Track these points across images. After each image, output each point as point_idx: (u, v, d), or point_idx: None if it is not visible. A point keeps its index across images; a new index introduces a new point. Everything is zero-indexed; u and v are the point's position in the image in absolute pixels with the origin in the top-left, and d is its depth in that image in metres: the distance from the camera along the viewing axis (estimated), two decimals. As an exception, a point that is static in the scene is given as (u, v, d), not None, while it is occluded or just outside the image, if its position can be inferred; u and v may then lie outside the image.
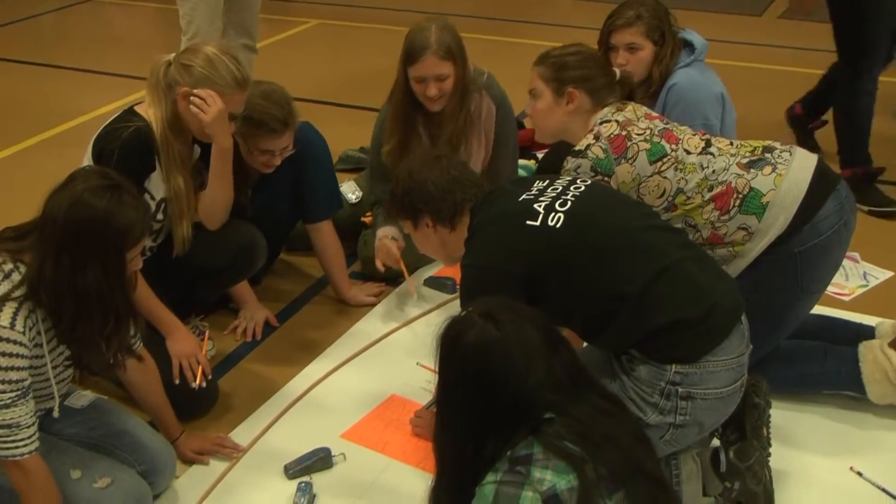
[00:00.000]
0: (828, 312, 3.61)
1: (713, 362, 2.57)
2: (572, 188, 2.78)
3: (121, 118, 3.27)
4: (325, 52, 7.95)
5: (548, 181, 2.85)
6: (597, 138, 3.12)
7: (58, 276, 2.44)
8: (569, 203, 2.71)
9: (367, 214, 4.24)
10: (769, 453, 2.82)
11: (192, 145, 3.39)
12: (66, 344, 2.61)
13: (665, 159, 3.07)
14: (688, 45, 3.83)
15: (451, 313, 2.21)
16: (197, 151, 3.43)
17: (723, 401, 2.63)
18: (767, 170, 3.06)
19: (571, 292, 2.66)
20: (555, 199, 2.73)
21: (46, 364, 2.58)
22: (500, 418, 2.03)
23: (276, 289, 4.12)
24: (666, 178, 3.07)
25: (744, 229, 3.04)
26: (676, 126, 3.21)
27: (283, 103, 3.54)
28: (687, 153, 3.09)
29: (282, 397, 3.41)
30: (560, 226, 2.66)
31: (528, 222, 2.69)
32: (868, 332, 3.39)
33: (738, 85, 3.97)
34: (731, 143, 3.18)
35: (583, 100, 3.25)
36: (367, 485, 2.99)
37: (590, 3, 3.97)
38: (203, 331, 3.66)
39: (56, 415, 2.70)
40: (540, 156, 5.03)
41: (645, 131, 3.12)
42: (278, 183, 3.79)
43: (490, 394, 2.03)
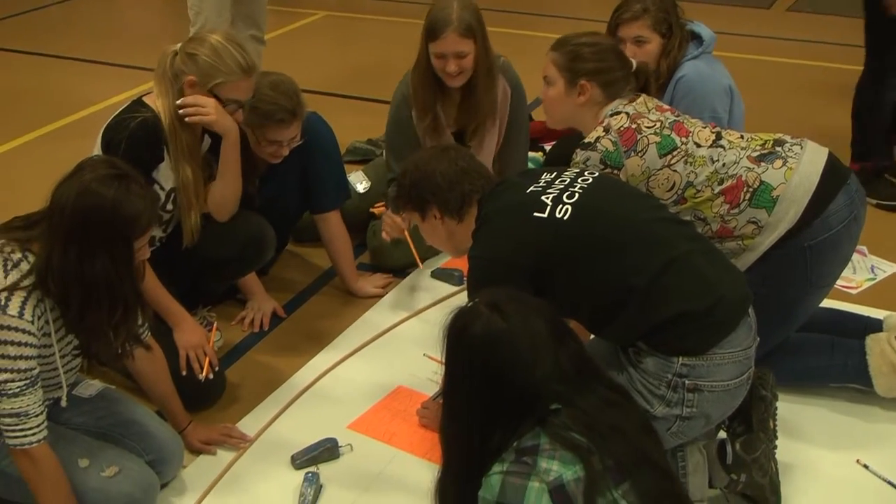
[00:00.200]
0: (835, 305, 3.60)
1: (720, 355, 2.57)
2: (580, 180, 2.78)
3: (129, 109, 3.28)
4: (332, 43, 7.95)
5: (556, 173, 2.85)
6: (607, 131, 3.11)
7: (66, 265, 2.45)
8: (577, 195, 2.71)
9: (375, 205, 4.24)
10: (775, 446, 2.82)
11: (203, 136, 3.40)
12: (74, 333, 2.61)
13: (675, 152, 3.06)
14: (696, 38, 3.82)
15: (458, 305, 2.21)
16: (207, 142, 3.44)
17: (729, 393, 2.63)
18: (778, 163, 3.05)
19: (579, 284, 2.66)
20: (563, 190, 2.73)
21: (55, 353, 2.59)
22: (507, 409, 2.03)
23: (284, 279, 4.13)
24: (676, 171, 3.06)
25: (754, 223, 3.04)
26: (687, 118, 3.19)
27: (291, 94, 3.54)
28: (697, 146, 3.08)
29: (289, 388, 3.42)
30: (568, 218, 2.66)
31: (535, 214, 2.69)
32: (875, 325, 3.38)
33: (747, 77, 3.96)
34: (742, 136, 3.17)
35: (595, 93, 3.23)
36: (373, 475, 3.00)
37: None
38: (211, 322, 3.67)
39: (64, 404, 2.70)
40: (548, 148, 5.03)
41: (655, 124, 3.11)
42: (286, 173, 3.79)
43: (496, 385, 2.03)
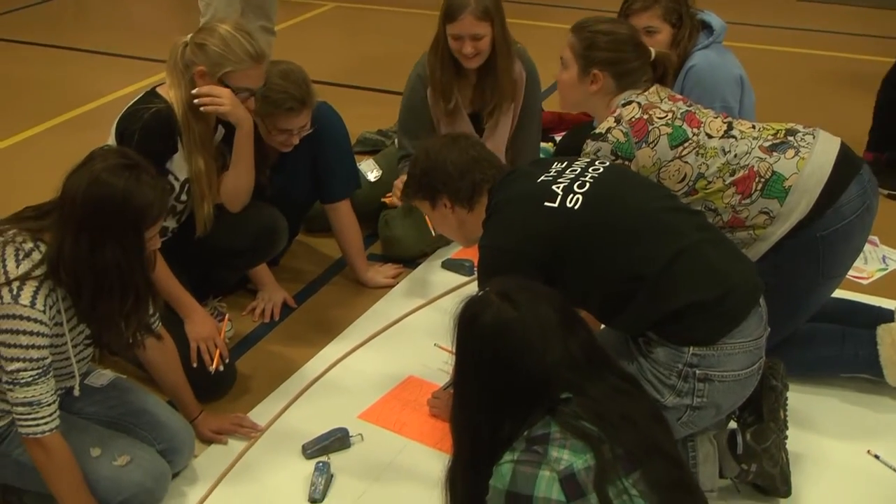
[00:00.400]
0: (846, 296, 3.60)
1: (731, 344, 2.57)
2: (591, 170, 2.78)
3: (143, 99, 3.28)
4: (342, 34, 7.95)
5: (566, 163, 2.85)
6: (618, 121, 3.10)
7: (77, 254, 2.46)
8: (587, 185, 2.71)
9: (387, 195, 4.24)
10: (786, 436, 2.81)
11: (216, 126, 3.40)
12: (85, 322, 2.62)
13: (686, 144, 3.05)
14: (706, 27, 3.80)
15: (468, 294, 2.20)
16: (220, 132, 3.44)
17: (740, 383, 2.63)
18: (790, 153, 3.04)
19: (589, 274, 2.66)
20: (573, 180, 2.73)
21: (67, 343, 2.60)
22: (517, 398, 2.03)
23: (294, 270, 4.14)
24: (687, 162, 3.05)
25: (765, 213, 3.03)
26: (699, 109, 3.18)
27: (301, 82, 3.54)
28: (709, 137, 3.07)
29: (300, 378, 3.43)
30: (578, 207, 2.66)
31: (546, 204, 2.69)
32: (886, 316, 3.37)
33: (758, 68, 3.95)
34: (753, 126, 3.16)
35: (607, 82, 3.21)
36: (384, 465, 3.00)
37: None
38: (221, 312, 3.68)
39: (76, 393, 2.71)
40: (558, 138, 5.03)
41: (667, 114, 3.09)
42: (296, 163, 3.79)
43: (507, 373, 2.03)
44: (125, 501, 2.70)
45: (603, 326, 2.89)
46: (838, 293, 3.36)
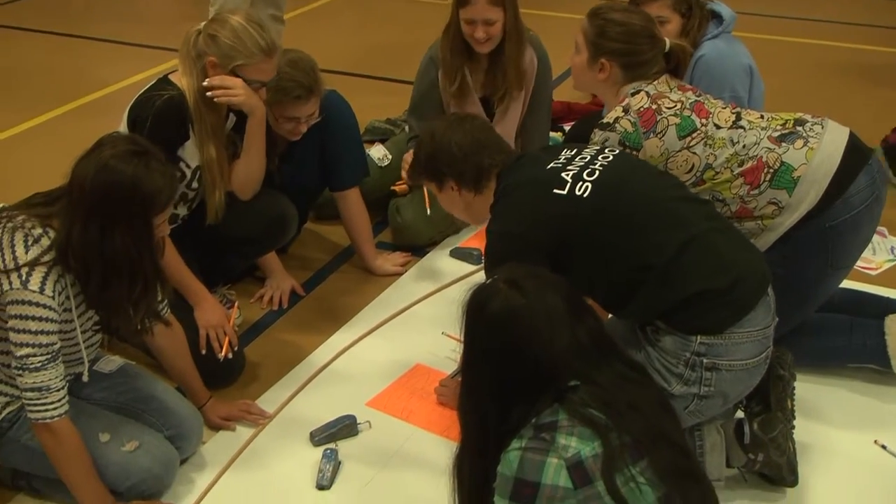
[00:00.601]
0: (855, 286, 3.59)
1: (738, 334, 2.57)
2: (601, 157, 2.78)
3: (155, 86, 3.28)
4: (352, 23, 7.94)
5: (576, 150, 2.84)
6: (626, 111, 3.08)
7: (86, 241, 2.46)
8: (597, 172, 2.70)
9: (397, 183, 4.25)
10: (793, 426, 2.81)
11: (227, 114, 3.40)
12: (94, 309, 2.63)
13: (695, 134, 3.04)
14: (716, 17, 3.79)
15: (476, 282, 2.21)
16: (232, 120, 3.44)
17: (748, 372, 2.63)
18: (799, 143, 3.03)
19: (597, 262, 2.66)
20: (583, 168, 2.73)
21: (75, 328, 2.61)
22: (525, 385, 2.03)
23: (303, 257, 4.14)
24: (695, 153, 3.04)
25: (774, 203, 3.02)
26: (709, 99, 3.16)
27: (309, 70, 3.55)
28: (717, 128, 3.05)
29: (308, 365, 3.44)
30: (587, 195, 2.66)
31: (555, 191, 2.69)
32: (894, 306, 3.37)
33: (766, 58, 3.94)
34: (762, 116, 3.15)
35: (615, 72, 3.18)
36: (391, 452, 3.01)
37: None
38: (230, 300, 3.69)
39: (85, 379, 2.73)
40: (567, 128, 5.03)
41: (676, 104, 3.08)
42: (305, 151, 3.79)
43: (515, 360, 2.03)
44: (133, 487, 2.71)
45: (611, 315, 2.89)
46: (846, 283, 3.35)
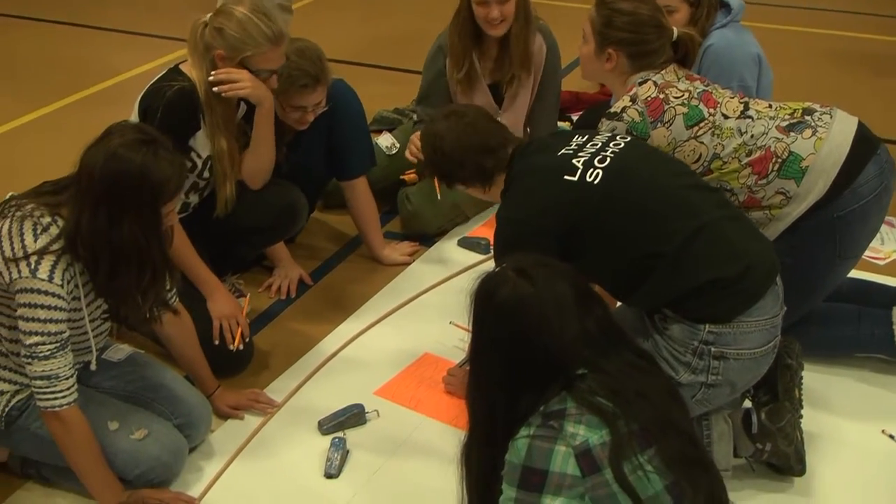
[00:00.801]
0: (862, 276, 3.59)
1: (747, 323, 2.57)
2: (612, 144, 2.77)
3: (166, 76, 3.29)
4: (359, 12, 7.92)
5: (587, 136, 2.84)
6: (633, 100, 3.07)
7: (94, 229, 2.47)
8: (608, 159, 2.70)
9: (406, 172, 4.25)
10: (801, 415, 2.81)
11: (238, 104, 3.41)
12: (103, 297, 2.64)
13: (702, 124, 3.03)
14: (724, 6, 3.77)
15: (485, 271, 2.21)
16: (243, 109, 3.45)
17: (755, 361, 2.63)
18: (807, 133, 3.02)
19: (607, 249, 2.67)
20: (594, 155, 2.72)
21: (84, 317, 2.61)
22: (533, 374, 2.03)
23: (311, 247, 4.15)
24: (702, 143, 3.03)
25: (782, 193, 3.01)
26: (717, 89, 3.15)
27: (316, 59, 3.54)
28: (725, 117, 3.04)
29: (316, 354, 3.44)
30: (598, 182, 2.66)
31: (566, 177, 2.69)
32: (902, 296, 3.37)
33: (774, 48, 3.93)
34: (770, 106, 3.13)
35: (621, 62, 3.17)
36: (400, 441, 3.02)
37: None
38: (239, 290, 3.69)
39: (94, 368, 2.74)
40: (575, 118, 5.02)
41: (684, 94, 3.07)
42: (312, 140, 3.79)
43: (523, 349, 2.04)
44: (142, 475, 2.72)
45: (619, 304, 2.89)
46: (855, 273, 3.35)
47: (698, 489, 1.97)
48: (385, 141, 4.43)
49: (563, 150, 2.77)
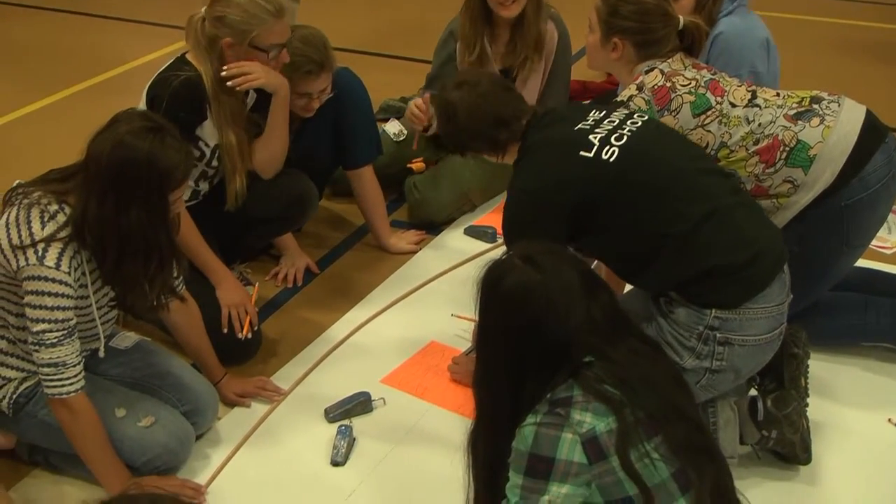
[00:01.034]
0: (869, 265, 3.58)
1: (753, 309, 2.57)
2: (629, 122, 2.76)
3: (172, 66, 3.28)
4: (365, 2, 7.92)
5: (604, 112, 2.83)
6: (640, 89, 3.07)
7: (101, 216, 2.47)
8: (625, 138, 2.69)
9: (413, 160, 4.25)
10: (807, 403, 2.81)
11: (247, 95, 3.40)
12: (110, 284, 2.64)
13: (709, 112, 3.03)
14: (731, -8, 3.77)
15: (492, 258, 2.21)
16: (253, 97, 3.44)
17: (760, 348, 2.63)
18: (815, 121, 3.01)
19: (617, 227, 2.66)
20: (611, 132, 2.71)
21: (91, 304, 2.62)
22: (540, 361, 2.03)
23: (317, 235, 4.15)
24: (709, 131, 3.03)
25: (789, 182, 3.01)
26: (724, 77, 3.14)
27: (321, 46, 3.54)
28: (732, 106, 3.03)
29: (322, 342, 3.45)
30: (614, 160, 2.64)
31: (581, 153, 2.68)
32: (909, 285, 3.37)
33: (780, 36, 3.91)
34: (778, 94, 3.12)
35: (628, 51, 3.16)
36: (406, 429, 3.02)
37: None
38: (247, 278, 3.70)
39: (101, 355, 2.74)
40: (582, 107, 5.02)
41: (690, 82, 3.06)
42: (319, 128, 3.79)
43: (530, 336, 2.04)
44: (149, 462, 2.73)
45: (626, 290, 2.88)
46: (861, 262, 3.34)
47: (704, 476, 1.97)
48: (392, 128, 4.42)
49: (580, 125, 2.76)
